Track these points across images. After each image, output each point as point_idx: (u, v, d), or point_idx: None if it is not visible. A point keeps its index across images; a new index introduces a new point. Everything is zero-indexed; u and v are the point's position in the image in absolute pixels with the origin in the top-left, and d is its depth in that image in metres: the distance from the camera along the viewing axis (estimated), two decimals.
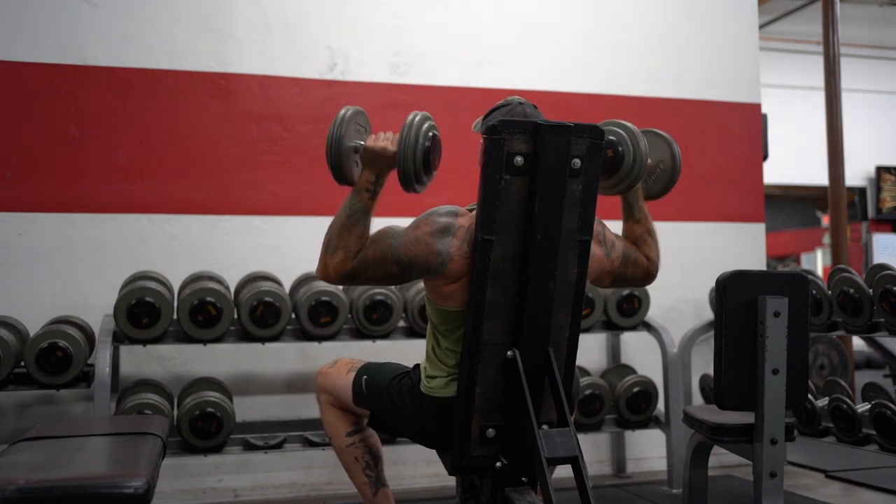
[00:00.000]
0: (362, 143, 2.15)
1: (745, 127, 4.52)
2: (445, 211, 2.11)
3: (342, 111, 2.17)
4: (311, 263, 3.68)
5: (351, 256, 2.10)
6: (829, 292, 3.55)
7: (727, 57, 4.50)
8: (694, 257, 4.27)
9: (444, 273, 2.08)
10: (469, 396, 2.08)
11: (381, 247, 2.09)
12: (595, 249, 2.21)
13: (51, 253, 3.53)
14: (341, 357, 2.56)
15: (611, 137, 2.26)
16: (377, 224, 4.08)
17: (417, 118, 2.10)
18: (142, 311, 3.14)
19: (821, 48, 5.49)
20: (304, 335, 3.39)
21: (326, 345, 3.53)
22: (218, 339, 3.27)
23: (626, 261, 2.35)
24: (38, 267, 3.52)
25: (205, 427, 3.18)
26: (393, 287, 3.49)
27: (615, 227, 2.41)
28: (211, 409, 3.18)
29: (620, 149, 2.27)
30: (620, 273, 2.35)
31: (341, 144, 2.13)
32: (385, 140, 2.12)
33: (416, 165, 2.08)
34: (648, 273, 2.42)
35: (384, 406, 2.29)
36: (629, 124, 2.31)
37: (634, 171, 2.30)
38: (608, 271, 2.32)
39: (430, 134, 2.10)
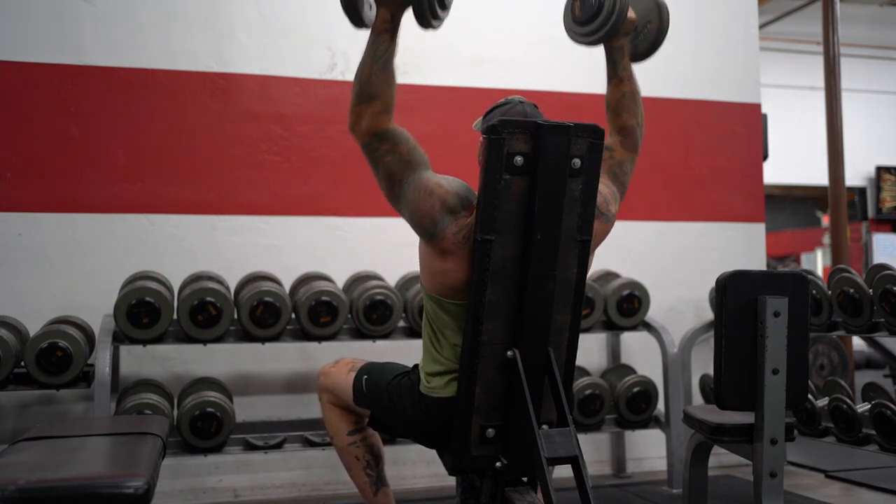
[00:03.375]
0: None
1: (745, 127, 4.52)
2: (463, 195, 2.07)
3: None
4: (311, 263, 3.73)
5: (388, 112, 2.03)
6: (829, 292, 3.55)
7: (727, 57, 4.50)
8: (694, 257, 4.27)
9: (430, 242, 2.06)
10: (469, 396, 2.08)
11: (411, 158, 2.04)
12: (595, 227, 2.17)
13: (51, 253, 3.53)
14: (343, 357, 2.56)
15: None
16: (377, 225, 4.09)
17: None
18: (142, 311, 3.14)
19: (821, 48, 5.49)
20: (304, 335, 3.39)
21: (326, 345, 3.52)
22: (218, 339, 3.27)
23: (616, 180, 2.32)
24: (38, 267, 3.52)
25: (205, 427, 3.18)
26: (393, 287, 3.49)
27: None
28: (211, 409, 3.18)
29: None
30: (621, 191, 2.33)
31: None
32: None
33: None
34: (634, 147, 2.36)
35: (384, 406, 2.29)
36: None
37: (613, 18, 2.30)
38: (614, 212, 2.28)
39: None
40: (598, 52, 4.41)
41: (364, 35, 4.20)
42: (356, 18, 2.12)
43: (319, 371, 2.53)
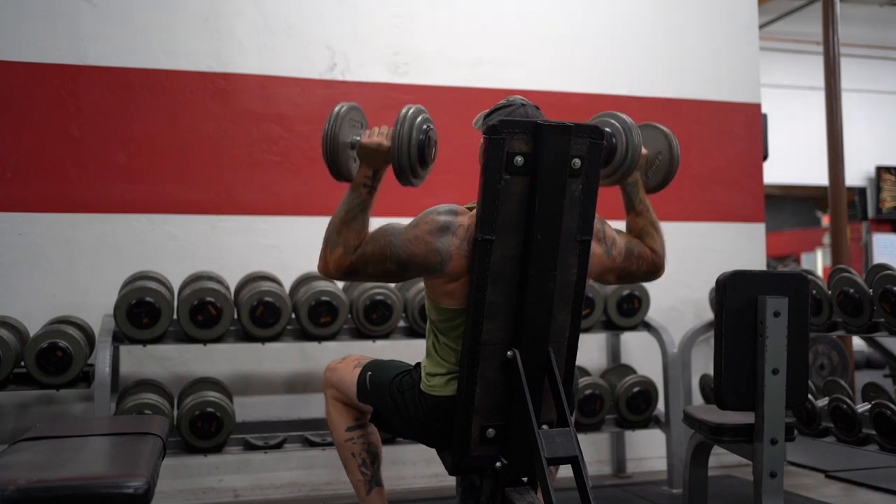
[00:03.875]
0: (358, 138, 2.15)
1: (745, 127, 4.52)
2: (445, 210, 2.11)
3: (337, 107, 2.17)
4: (311, 263, 3.70)
5: (350, 252, 2.10)
6: (829, 292, 3.55)
7: (727, 57, 4.50)
8: (694, 257, 4.27)
9: (444, 272, 2.08)
10: (469, 396, 2.08)
11: (380, 244, 2.09)
12: (594, 248, 2.21)
13: (51, 253, 3.53)
14: (350, 354, 2.57)
15: (605, 129, 2.30)
16: (375, 225, 4.09)
17: (411, 112, 2.10)
18: (142, 311, 3.14)
19: (821, 48, 5.49)
20: (304, 335, 3.39)
21: (326, 345, 3.53)
22: (218, 339, 3.27)
23: (629, 256, 2.33)
24: (38, 267, 3.52)
25: (205, 427, 3.18)
26: (393, 287, 3.49)
27: (619, 228, 2.41)
28: (211, 409, 3.18)
29: (614, 139, 2.31)
30: (625, 268, 2.34)
31: (337, 141, 2.14)
32: (380, 135, 2.12)
33: (410, 159, 2.08)
34: (654, 265, 2.38)
35: (386, 403, 2.29)
36: (623, 115, 2.35)
37: (628, 160, 2.32)
38: (610, 268, 2.30)
39: (424, 127, 2.10)
40: (599, 52, 4.43)
41: (367, 36, 4.20)
42: (338, 172, 2.18)
43: (326, 367, 2.54)
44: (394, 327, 3.45)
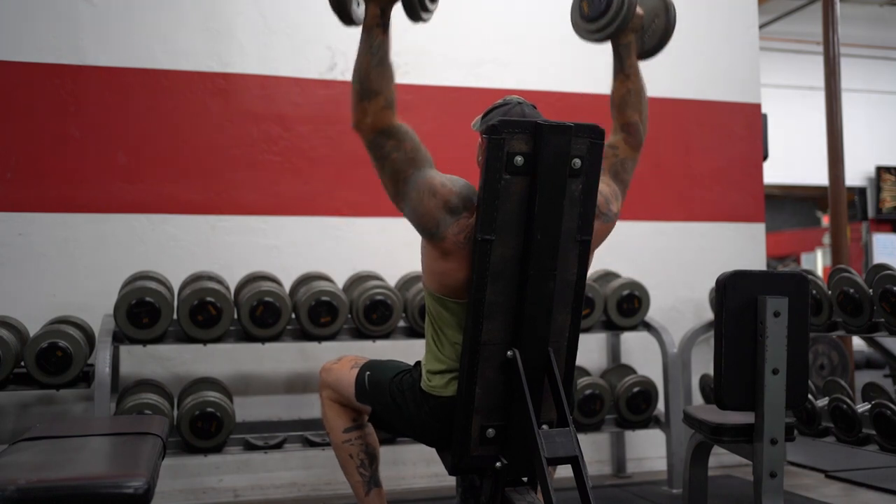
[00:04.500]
0: None
1: (745, 127, 4.52)
2: (465, 195, 2.07)
3: None
4: (311, 263, 3.73)
5: (391, 106, 2.01)
6: (829, 292, 3.55)
7: (727, 57, 4.50)
8: (694, 257, 4.27)
9: (432, 241, 2.06)
10: (469, 396, 2.08)
11: (416, 156, 2.03)
12: (595, 226, 2.17)
13: (51, 253, 3.53)
14: (345, 354, 2.56)
15: None
16: (377, 225, 4.08)
17: None
18: (142, 311, 3.14)
19: (821, 48, 5.49)
20: (304, 335, 3.39)
21: (326, 345, 3.52)
22: (218, 339, 3.27)
23: (618, 178, 2.32)
24: (38, 267, 3.52)
25: (205, 427, 3.18)
26: (393, 287, 3.49)
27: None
28: (211, 409, 3.18)
29: None
30: (623, 189, 2.33)
31: None
32: None
33: None
34: (636, 144, 2.37)
35: (385, 403, 2.29)
36: None
37: (623, 12, 2.32)
38: (615, 214, 2.28)
39: None
40: (599, 52, 4.42)
41: None
42: (345, 16, 2.12)
43: (322, 367, 2.53)
44: (394, 327, 3.45)
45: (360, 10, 2.12)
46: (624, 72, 2.41)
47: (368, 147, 2.05)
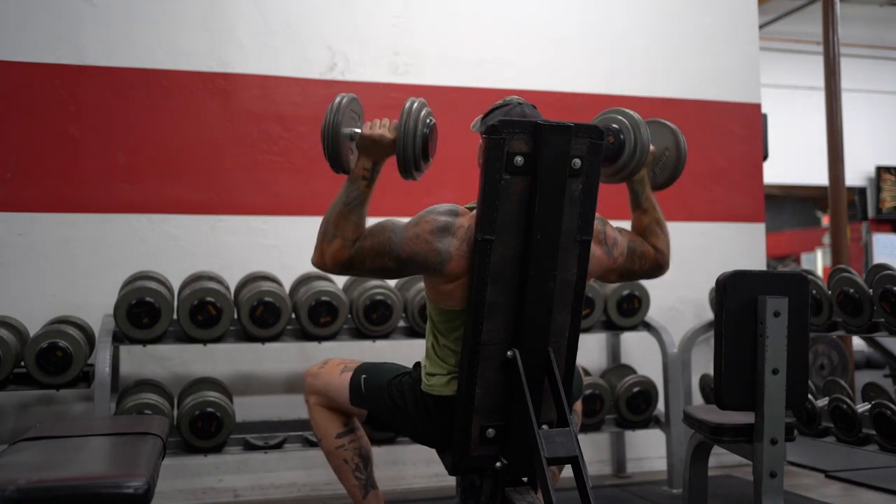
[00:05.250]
0: (357, 130, 2.15)
1: (745, 127, 4.52)
2: (445, 210, 2.11)
3: (337, 98, 2.16)
4: (310, 264, 3.71)
5: (348, 245, 2.09)
6: (829, 292, 3.55)
7: (727, 57, 4.50)
8: (694, 257, 4.27)
9: (443, 272, 2.08)
10: (469, 396, 2.08)
11: (380, 239, 2.09)
12: (595, 249, 2.21)
13: (51, 253, 3.53)
14: (330, 358, 2.55)
15: (612, 125, 2.30)
16: (375, 222, 4.08)
17: (416, 105, 2.11)
18: (142, 311, 3.14)
19: (821, 48, 5.49)
20: (304, 335, 3.39)
21: (326, 345, 3.52)
22: (218, 339, 3.27)
23: (631, 255, 2.33)
24: (38, 267, 3.52)
25: (205, 427, 3.18)
26: (393, 287, 3.49)
27: (623, 227, 2.40)
28: (211, 409, 3.18)
29: (622, 136, 2.31)
30: (627, 268, 2.33)
31: (338, 132, 2.13)
32: (382, 127, 2.12)
33: (415, 152, 2.08)
34: (658, 264, 2.38)
35: (384, 405, 2.29)
36: (631, 112, 2.35)
37: (636, 157, 2.32)
38: (612, 268, 2.30)
39: (428, 121, 2.11)
40: (598, 52, 4.43)
41: (367, 36, 4.21)
42: (337, 164, 2.17)
43: (307, 372, 2.50)
44: (394, 327, 3.45)
45: (352, 159, 2.19)
46: (641, 207, 2.41)
47: (341, 274, 2.16)
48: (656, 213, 2.40)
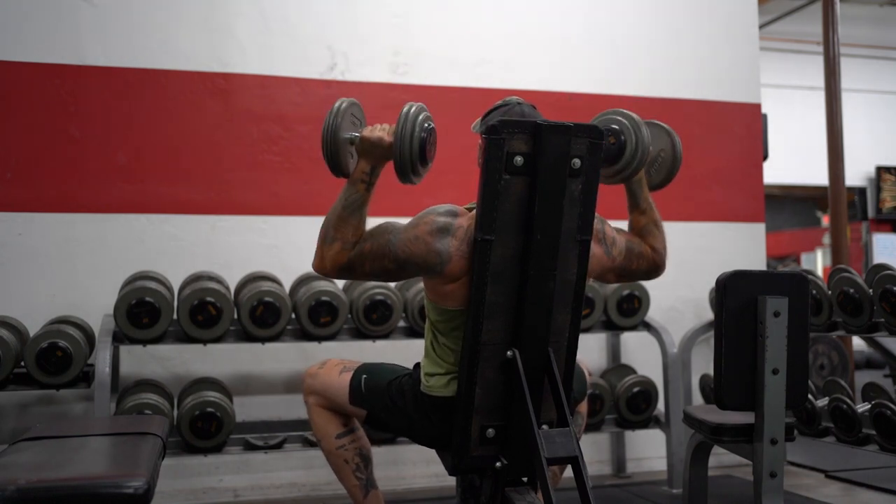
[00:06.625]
0: (358, 134, 2.15)
1: (745, 127, 4.52)
2: (444, 210, 2.11)
3: (337, 103, 2.17)
4: (310, 264, 3.71)
5: (348, 248, 2.09)
6: (829, 292, 3.55)
7: (727, 57, 4.50)
8: (694, 257, 4.27)
9: (443, 273, 2.08)
10: (469, 396, 2.08)
11: (379, 242, 2.09)
12: (594, 248, 2.21)
13: (51, 253, 3.53)
14: (329, 358, 2.55)
15: (613, 126, 2.30)
16: (374, 223, 4.07)
17: (413, 109, 2.10)
18: (142, 311, 3.14)
19: (821, 48, 5.49)
20: (304, 335, 3.39)
21: (326, 345, 3.52)
22: (218, 339, 3.27)
23: (629, 255, 2.33)
24: (38, 267, 3.51)
25: (205, 427, 3.18)
26: (393, 287, 3.49)
27: (620, 227, 2.41)
28: (211, 409, 3.18)
29: (623, 137, 2.31)
30: (625, 268, 2.34)
31: (337, 135, 2.14)
32: (381, 131, 2.12)
33: (412, 156, 2.08)
34: (655, 264, 2.39)
35: (384, 405, 2.29)
36: (631, 113, 2.35)
37: (637, 158, 2.32)
38: (610, 268, 2.30)
39: (426, 125, 2.10)
40: (598, 52, 4.43)
41: (367, 36, 4.20)
42: (336, 168, 2.18)
43: (306, 373, 2.50)
44: (394, 327, 3.45)
45: (353, 163, 2.19)
46: (639, 208, 2.42)
47: (340, 278, 2.16)
48: (654, 214, 2.41)
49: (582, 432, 2.60)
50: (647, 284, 3.79)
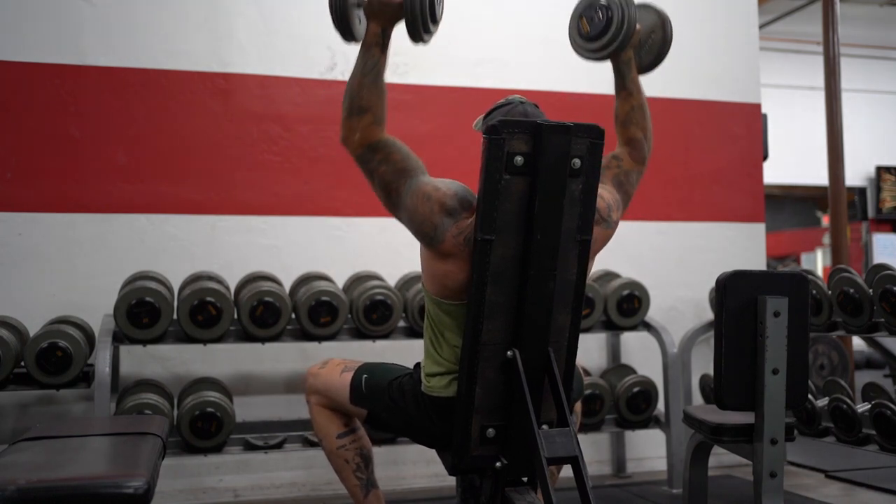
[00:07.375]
0: None
1: (745, 127, 4.52)
2: (462, 195, 2.07)
3: None
4: (311, 263, 3.72)
5: (380, 123, 2.06)
6: (829, 292, 3.55)
7: (727, 57, 4.50)
8: (694, 257, 4.27)
9: (432, 245, 2.06)
10: (469, 396, 2.08)
11: (406, 166, 2.06)
12: (595, 233, 2.17)
13: (51, 253, 3.53)
14: (331, 358, 2.55)
15: (601, 1, 2.33)
16: (377, 225, 4.08)
17: None
18: (142, 311, 3.14)
19: (821, 48, 5.49)
20: (304, 335, 3.39)
21: (326, 345, 3.52)
22: (218, 339, 3.27)
23: (621, 188, 2.33)
24: (38, 267, 3.51)
25: (205, 427, 3.18)
26: (393, 287, 3.49)
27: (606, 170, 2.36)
28: (211, 409, 3.18)
29: (610, 12, 2.34)
30: (626, 200, 2.34)
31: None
32: None
33: (423, 11, 2.05)
34: (640, 162, 2.40)
35: (385, 405, 2.29)
36: None
37: (623, 31, 2.35)
38: (615, 221, 2.29)
39: None
40: None
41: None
42: (347, 33, 2.14)
43: (308, 372, 2.50)
44: (394, 327, 3.45)
45: (361, 28, 2.15)
46: (626, 88, 2.43)
47: (357, 161, 2.10)
48: (640, 97, 2.42)
49: (576, 431, 2.60)
50: (646, 284, 3.79)
